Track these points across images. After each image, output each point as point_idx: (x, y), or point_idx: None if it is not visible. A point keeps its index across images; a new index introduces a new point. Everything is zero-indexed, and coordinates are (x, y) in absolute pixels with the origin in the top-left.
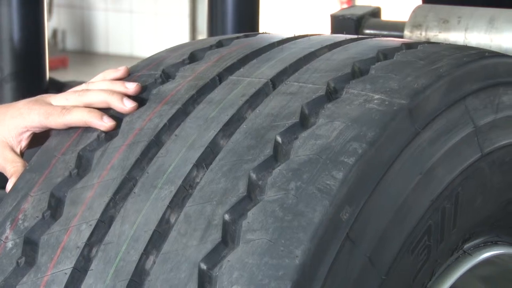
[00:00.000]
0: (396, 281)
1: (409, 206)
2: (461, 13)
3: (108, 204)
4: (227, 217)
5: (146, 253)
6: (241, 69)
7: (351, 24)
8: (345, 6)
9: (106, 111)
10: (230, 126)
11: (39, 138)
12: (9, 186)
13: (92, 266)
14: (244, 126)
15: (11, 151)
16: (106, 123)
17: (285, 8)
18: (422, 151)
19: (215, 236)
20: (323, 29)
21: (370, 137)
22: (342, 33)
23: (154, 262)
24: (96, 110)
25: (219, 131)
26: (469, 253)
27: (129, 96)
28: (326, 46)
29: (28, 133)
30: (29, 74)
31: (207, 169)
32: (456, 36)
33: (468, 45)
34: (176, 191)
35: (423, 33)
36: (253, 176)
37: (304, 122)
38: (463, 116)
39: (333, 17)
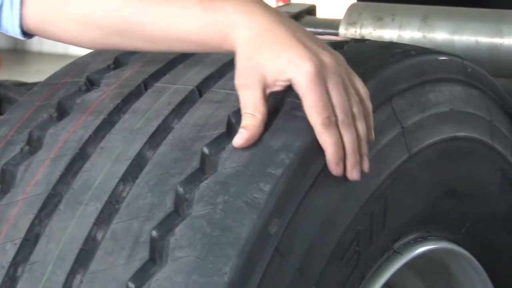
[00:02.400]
0: None
1: (337, 214)
2: (395, 10)
3: (33, 222)
4: (154, 233)
5: (72, 273)
6: (167, 75)
7: None
8: (280, 4)
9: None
10: (156, 137)
11: None
12: None
13: (18, 287)
14: (171, 137)
15: None
16: None
17: None
18: None
19: (143, 254)
20: None
21: (296, 147)
22: None
23: (81, 282)
24: None
25: (145, 143)
26: (399, 252)
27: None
28: None
29: None
30: None
31: (133, 183)
32: (390, 34)
33: (397, 42)
34: (102, 207)
35: (358, 31)
36: (180, 190)
37: (231, 132)
38: (390, 117)
39: None
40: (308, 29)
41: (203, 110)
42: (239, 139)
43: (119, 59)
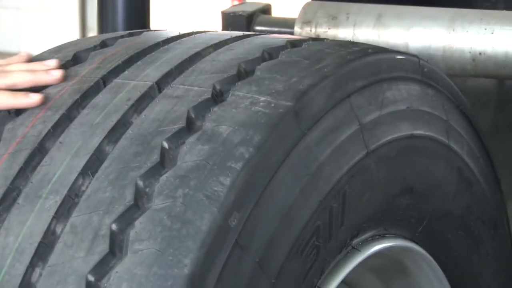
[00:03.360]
0: (286, 283)
1: (297, 208)
2: (350, 9)
3: None
4: (114, 227)
5: (32, 266)
6: (126, 72)
7: (242, 21)
8: (236, 3)
9: None
10: (115, 132)
11: None
12: None
13: None
14: (130, 132)
15: None
16: (34, 99)
17: (177, 4)
18: (309, 152)
19: (103, 247)
20: (215, 25)
21: (256, 141)
22: (230, 29)
23: (40, 275)
24: (20, 92)
25: (104, 137)
26: (357, 249)
27: None
28: (212, 46)
29: None
30: None
31: (93, 177)
32: (345, 33)
33: (354, 41)
34: (61, 201)
35: (313, 30)
36: (140, 183)
37: (190, 126)
38: (348, 114)
39: (224, 14)
40: (263, 28)
41: (163, 105)
42: None
43: (78, 55)
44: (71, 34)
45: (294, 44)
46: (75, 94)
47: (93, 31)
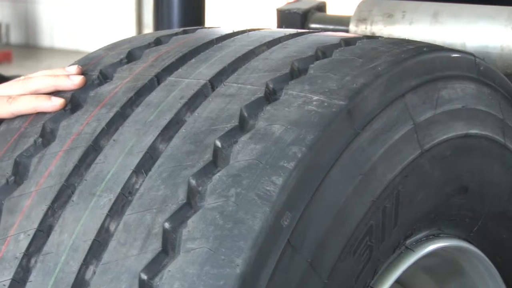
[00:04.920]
0: (338, 283)
1: (349, 208)
2: (406, 7)
3: (46, 213)
4: (167, 225)
5: (85, 264)
6: (180, 70)
7: (297, 18)
8: (291, 0)
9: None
10: (169, 130)
11: None
12: None
13: (31, 278)
14: (183, 130)
15: None
16: (55, 103)
17: (233, 1)
18: (362, 151)
19: (155, 245)
20: (270, 23)
21: (309, 141)
22: (284, 27)
23: (94, 273)
24: (43, 95)
25: (158, 135)
26: (411, 249)
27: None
28: (265, 44)
29: None
30: None
31: (146, 176)
32: (400, 30)
33: (409, 39)
34: (115, 198)
35: (368, 28)
36: (193, 182)
37: (243, 125)
38: (402, 113)
39: (279, 11)
40: (318, 25)
41: (216, 103)
42: None
43: (132, 53)
44: (128, 31)
45: (348, 42)
46: (129, 92)
47: (149, 28)
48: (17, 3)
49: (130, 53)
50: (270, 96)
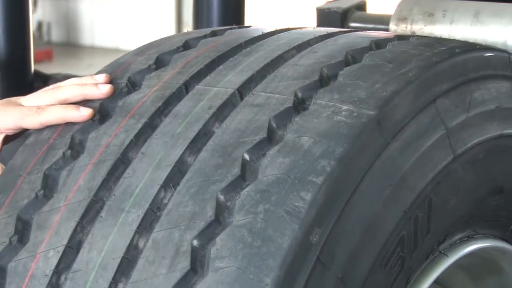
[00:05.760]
0: None
1: (380, 220)
2: (446, 6)
3: (75, 229)
4: (195, 243)
5: (115, 282)
6: (208, 77)
7: (336, 17)
8: None
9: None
10: (197, 143)
11: (10, 139)
12: None
13: None
14: (211, 142)
15: None
16: (84, 113)
17: (274, 0)
18: (392, 161)
19: (184, 263)
20: (309, 21)
21: (338, 154)
22: (325, 26)
23: None
24: (71, 105)
25: (186, 148)
26: (445, 254)
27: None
28: (294, 47)
29: (1, 136)
30: (14, 66)
31: (174, 190)
32: (441, 30)
33: (441, 38)
34: (143, 214)
35: (409, 27)
36: (221, 197)
37: (271, 137)
38: (433, 119)
39: (319, 10)
40: (358, 24)
41: (244, 114)
42: None
43: (161, 58)
44: (167, 29)
45: (378, 45)
46: (157, 101)
47: (188, 26)
48: (59, 1)
49: (159, 59)
50: (299, 105)
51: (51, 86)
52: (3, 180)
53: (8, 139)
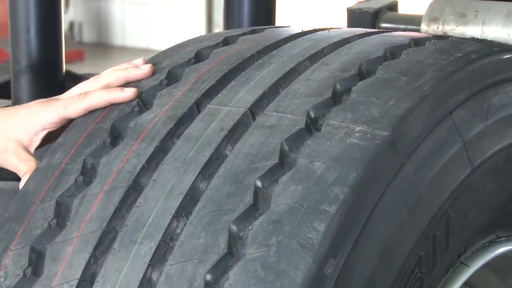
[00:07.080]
0: None
1: (396, 244)
2: (478, 7)
3: (88, 261)
4: (208, 277)
5: None
6: (220, 95)
7: (367, 17)
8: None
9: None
10: (209, 168)
11: (51, 137)
12: (22, 184)
13: None
14: (223, 169)
15: (25, 150)
16: (128, 92)
17: (304, 0)
18: (408, 182)
19: None
20: (340, 22)
21: (351, 180)
22: (356, 26)
23: None
24: (115, 88)
25: (198, 174)
26: (466, 264)
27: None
28: (307, 58)
29: (44, 133)
30: (46, 66)
31: (187, 219)
32: (473, 30)
33: (457, 41)
34: (156, 246)
35: (440, 27)
36: (234, 228)
37: (284, 161)
38: (450, 132)
39: (350, 10)
40: (389, 25)
41: (256, 136)
42: None
43: (172, 72)
44: (198, 30)
45: (393, 53)
46: (169, 123)
47: (219, 27)
48: (90, 2)
49: (170, 73)
50: (312, 125)
51: (90, 79)
52: (16, 208)
53: (52, 136)
